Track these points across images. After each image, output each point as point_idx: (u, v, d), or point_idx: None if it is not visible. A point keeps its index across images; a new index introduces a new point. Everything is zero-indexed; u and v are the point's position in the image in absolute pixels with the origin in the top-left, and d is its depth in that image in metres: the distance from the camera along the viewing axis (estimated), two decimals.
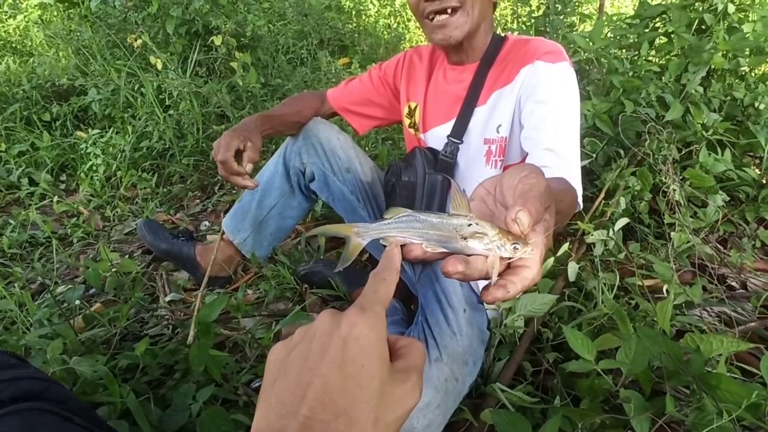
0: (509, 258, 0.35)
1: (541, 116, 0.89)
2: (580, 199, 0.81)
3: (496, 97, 1.01)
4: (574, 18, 2.46)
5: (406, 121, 1.22)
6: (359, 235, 0.41)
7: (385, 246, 0.39)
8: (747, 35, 1.59)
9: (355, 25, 3.47)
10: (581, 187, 0.84)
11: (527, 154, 0.90)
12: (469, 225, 0.36)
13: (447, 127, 1.09)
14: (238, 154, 1.04)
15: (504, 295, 0.35)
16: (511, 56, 1.02)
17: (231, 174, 1.03)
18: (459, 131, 1.06)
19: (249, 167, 1.05)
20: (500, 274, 0.36)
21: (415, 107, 1.18)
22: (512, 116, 0.99)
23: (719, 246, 1.50)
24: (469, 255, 0.36)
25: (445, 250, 0.38)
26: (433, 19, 0.96)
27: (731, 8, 1.62)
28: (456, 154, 1.08)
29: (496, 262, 0.35)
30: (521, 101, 0.96)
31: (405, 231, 0.38)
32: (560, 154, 0.83)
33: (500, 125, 1.00)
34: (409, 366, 0.32)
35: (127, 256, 1.56)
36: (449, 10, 0.94)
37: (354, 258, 0.42)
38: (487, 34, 1.05)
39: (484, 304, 0.99)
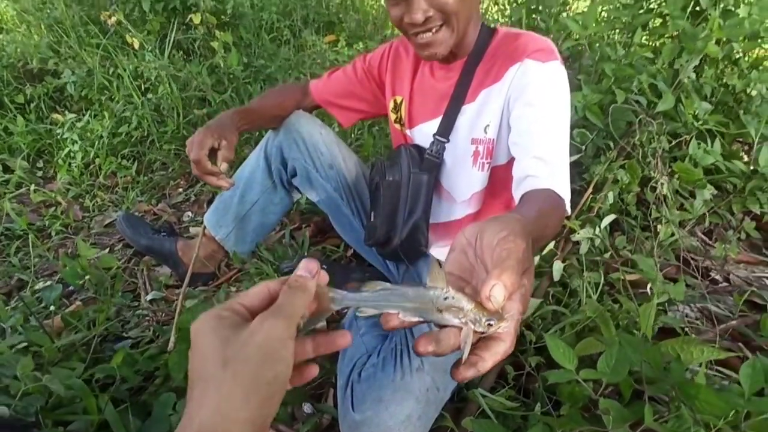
0: (483, 333, 0.36)
1: (530, 120, 0.86)
2: (568, 206, 0.79)
3: (485, 95, 0.97)
4: None
5: (392, 116, 1.17)
6: (333, 300, 0.40)
7: (363, 308, 0.40)
8: (743, 19, 1.55)
9: (341, 0, 3.33)
10: (569, 194, 0.81)
11: (514, 158, 0.87)
12: (445, 298, 0.37)
13: (434, 125, 1.05)
14: (213, 153, 1.00)
15: (474, 374, 0.35)
16: (500, 52, 0.97)
17: (204, 174, 0.99)
18: (445, 130, 1.02)
19: (224, 166, 1.01)
20: (473, 345, 0.36)
21: (401, 102, 1.14)
22: (500, 117, 0.95)
23: (705, 237, 1.50)
24: (443, 326, 0.37)
25: (422, 319, 0.38)
26: (416, 35, 0.91)
27: None
28: (442, 153, 1.04)
29: (469, 336, 0.35)
30: (510, 102, 0.92)
31: (381, 304, 0.39)
32: (549, 162, 0.80)
33: (488, 125, 0.97)
34: None
35: (107, 249, 1.53)
36: (434, 29, 0.89)
37: (322, 321, 0.41)
38: (476, 28, 0.99)
39: None
